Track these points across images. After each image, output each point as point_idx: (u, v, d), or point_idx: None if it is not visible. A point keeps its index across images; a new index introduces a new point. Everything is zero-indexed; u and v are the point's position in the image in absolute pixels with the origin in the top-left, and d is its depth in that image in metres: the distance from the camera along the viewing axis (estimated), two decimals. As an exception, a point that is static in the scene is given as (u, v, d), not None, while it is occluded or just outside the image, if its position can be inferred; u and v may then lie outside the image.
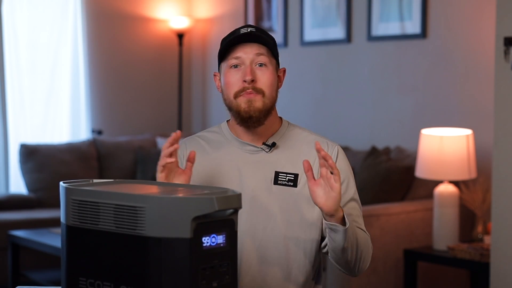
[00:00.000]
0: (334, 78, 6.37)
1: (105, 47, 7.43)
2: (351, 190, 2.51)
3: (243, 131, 2.49)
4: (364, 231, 2.47)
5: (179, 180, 2.32)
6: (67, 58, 7.20)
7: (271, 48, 2.47)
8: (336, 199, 2.24)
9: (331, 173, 2.23)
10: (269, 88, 2.44)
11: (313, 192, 2.27)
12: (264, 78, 2.43)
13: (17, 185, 6.84)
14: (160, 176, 2.31)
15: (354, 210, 2.49)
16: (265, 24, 6.89)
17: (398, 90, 5.87)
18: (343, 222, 2.29)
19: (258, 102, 2.41)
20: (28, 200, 6.46)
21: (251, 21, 7.00)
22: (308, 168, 2.26)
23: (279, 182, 2.46)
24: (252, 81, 2.40)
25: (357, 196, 2.53)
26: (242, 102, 2.41)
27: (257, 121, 2.43)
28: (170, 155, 2.29)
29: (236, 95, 2.42)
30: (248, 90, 2.41)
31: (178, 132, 2.27)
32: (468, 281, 5.06)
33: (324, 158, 2.23)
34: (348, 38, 6.21)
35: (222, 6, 7.50)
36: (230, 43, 2.43)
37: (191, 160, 2.34)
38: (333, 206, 2.25)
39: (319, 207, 2.28)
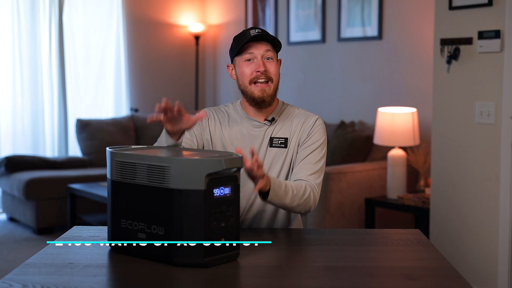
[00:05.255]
0: (312, 69, 6.34)
1: (140, 46, 7.40)
2: (320, 152, 2.43)
3: (252, 110, 2.47)
4: (309, 184, 2.36)
5: (182, 125, 2.15)
6: (111, 54, 7.18)
7: (275, 45, 2.46)
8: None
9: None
10: (275, 76, 2.45)
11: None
12: (272, 68, 2.43)
13: (74, 150, 6.85)
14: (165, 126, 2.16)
15: (312, 167, 2.41)
16: (261, 29, 6.84)
17: (361, 78, 5.85)
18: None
19: (269, 89, 2.41)
20: (83, 161, 6.45)
21: (249, 27, 6.94)
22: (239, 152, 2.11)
23: (273, 145, 2.46)
24: (264, 71, 2.39)
25: (323, 157, 2.44)
26: (255, 90, 2.40)
27: (268, 103, 2.43)
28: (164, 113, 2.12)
29: (250, 82, 2.41)
30: (261, 78, 2.39)
31: (164, 100, 2.11)
32: (413, 222, 5.07)
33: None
34: (323, 39, 6.17)
35: (228, 15, 7.45)
36: (245, 42, 2.39)
37: (201, 118, 2.19)
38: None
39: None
